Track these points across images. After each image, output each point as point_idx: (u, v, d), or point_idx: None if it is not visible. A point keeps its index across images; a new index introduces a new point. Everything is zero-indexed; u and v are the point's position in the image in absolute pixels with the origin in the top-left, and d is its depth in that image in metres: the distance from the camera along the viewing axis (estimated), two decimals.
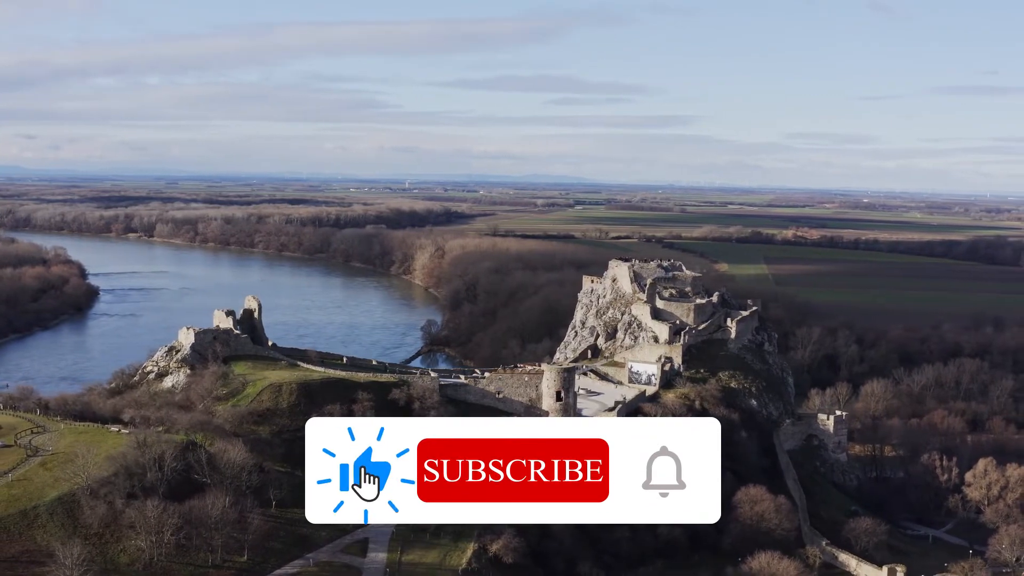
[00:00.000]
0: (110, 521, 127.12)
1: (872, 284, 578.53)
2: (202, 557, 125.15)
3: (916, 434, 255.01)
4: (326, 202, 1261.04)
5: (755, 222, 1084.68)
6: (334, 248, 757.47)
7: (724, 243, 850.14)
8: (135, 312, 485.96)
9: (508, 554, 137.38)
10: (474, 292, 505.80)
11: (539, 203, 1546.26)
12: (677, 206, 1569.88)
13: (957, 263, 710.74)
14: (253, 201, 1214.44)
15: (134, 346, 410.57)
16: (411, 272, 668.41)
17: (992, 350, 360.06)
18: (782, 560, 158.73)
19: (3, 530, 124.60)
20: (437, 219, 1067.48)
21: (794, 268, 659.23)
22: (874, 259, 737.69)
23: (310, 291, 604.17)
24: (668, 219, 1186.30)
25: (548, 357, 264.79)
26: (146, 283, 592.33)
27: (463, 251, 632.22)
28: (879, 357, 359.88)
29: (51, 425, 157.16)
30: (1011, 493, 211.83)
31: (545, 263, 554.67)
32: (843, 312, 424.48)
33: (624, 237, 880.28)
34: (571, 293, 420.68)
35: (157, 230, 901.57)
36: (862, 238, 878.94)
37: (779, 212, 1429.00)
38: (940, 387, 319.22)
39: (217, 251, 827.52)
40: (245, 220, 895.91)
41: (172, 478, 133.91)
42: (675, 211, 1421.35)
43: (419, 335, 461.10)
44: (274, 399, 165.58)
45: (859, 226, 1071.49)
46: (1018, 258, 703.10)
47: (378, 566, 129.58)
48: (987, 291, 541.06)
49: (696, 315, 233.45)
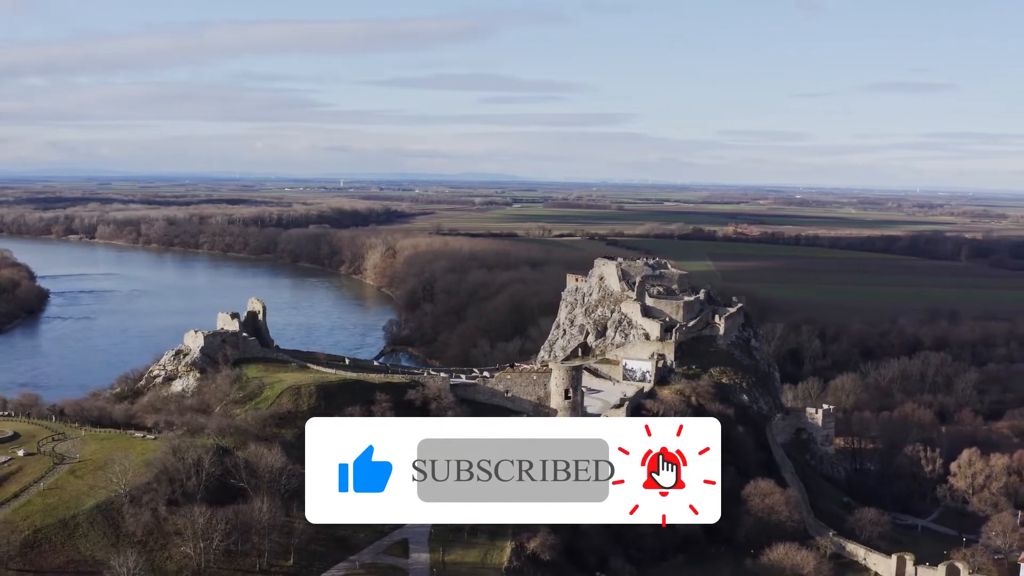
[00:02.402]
0: (153, 528, 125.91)
1: (819, 280, 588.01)
2: (249, 562, 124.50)
3: (892, 427, 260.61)
4: (265, 202, 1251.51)
5: (695, 219, 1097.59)
6: (281, 248, 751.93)
7: (666, 240, 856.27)
8: (88, 315, 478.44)
9: (545, 551, 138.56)
10: (431, 292, 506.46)
11: (477, 201, 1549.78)
12: (614, 204, 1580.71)
13: (899, 258, 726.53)
14: (191, 201, 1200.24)
15: (92, 349, 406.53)
16: (362, 272, 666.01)
17: (950, 343, 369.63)
18: (800, 551, 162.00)
19: (44, 540, 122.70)
20: (379, 218, 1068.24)
21: (739, 264, 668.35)
22: (816, 255, 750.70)
23: (261, 292, 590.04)
24: (607, 216, 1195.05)
25: (533, 357, 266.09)
26: (95, 285, 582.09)
27: (416, 251, 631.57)
28: (841, 352, 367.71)
29: (71, 431, 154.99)
30: (995, 482, 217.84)
31: (501, 262, 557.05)
32: (799, 308, 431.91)
33: (567, 235, 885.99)
34: (537, 292, 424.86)
35: (99, 231, 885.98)
36: (803, 234, 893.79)
37: (716, 209, 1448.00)
38: (906, 380, 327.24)
39: (161, 252, 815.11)
40: (188, 221, 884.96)
41: (210, 483, 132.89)
42: (612, 209, 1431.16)
43: (380, 335, 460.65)
44: (294, 401, 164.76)
45: (796, 222, 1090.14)
46: (958, 252, 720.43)
47: (423, 566, 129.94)
48: (935, 286, 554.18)
49: (685, 312, 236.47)
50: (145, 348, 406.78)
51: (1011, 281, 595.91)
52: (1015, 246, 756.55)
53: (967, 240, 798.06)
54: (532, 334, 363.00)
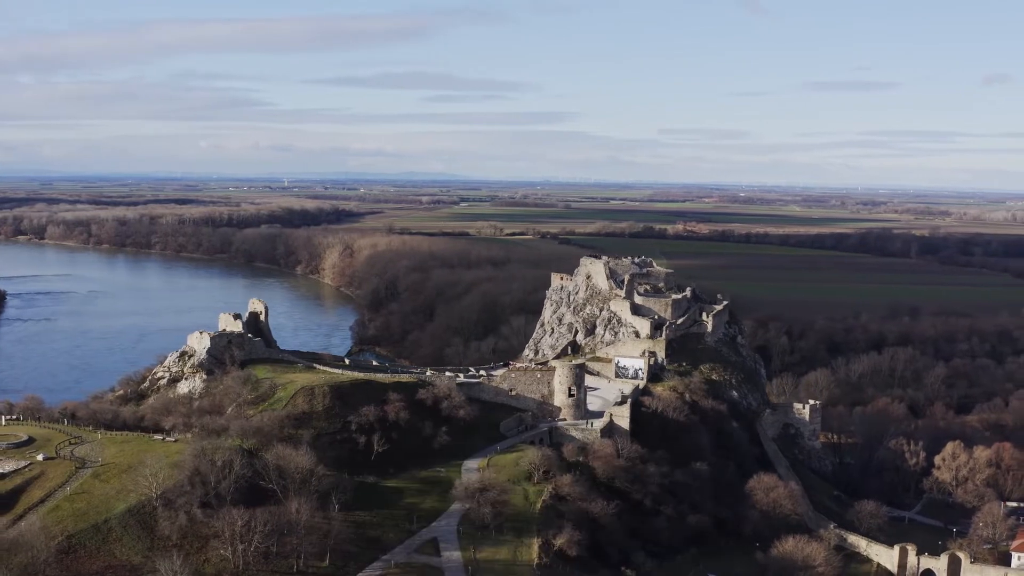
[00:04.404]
0: (187, 531, 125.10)
1: (775, 277, 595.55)
2: (286, 564, 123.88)
3: (869, 421, 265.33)
4: (213, 201, 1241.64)
5: (644, 217, 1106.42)
6: (235, 248, 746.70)
7: (618, 238, 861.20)
8: (48, 317, 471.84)
9: (572, 547, 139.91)
10: (395, 291, 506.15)
11: (424, 201, 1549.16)
12: (561, 202, 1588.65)
13: (851, 255, 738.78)
14: (137, 201, 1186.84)
15: (55, 352, 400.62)
16: (320, 272, 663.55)
17: (913, 339, 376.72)
18: (809, 543, 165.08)
19: (79, 546, 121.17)
20: (329, 218, 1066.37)
21: (693, 263, 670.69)
22: (768, 252, 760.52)
23: (220, 292, 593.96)
24: (556, 215, 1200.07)
25: (521, 356, 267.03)
26: (51, 287, 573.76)
27: (375, 250, 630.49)
28: (809, 348, 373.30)
29: (86, 435, 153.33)
30: (979, 474, 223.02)
31: (462, 261, 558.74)
32: (760, 305, 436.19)
33: (519, 234, 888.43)
34: (507, 291, 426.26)
35: (49, 232, 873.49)
36: (752, 232, 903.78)
37: (662, 207, 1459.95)
38: (876, 375, 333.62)
39: (113, 253, 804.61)
40: (138, 221, 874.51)
41: (239, 485, 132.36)
42: (560, 207, 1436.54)
43: (345, 335, 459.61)
44: (308, 402, 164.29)
45: (743, 220, 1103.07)
46: (908, 249, 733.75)
47: (456, 564, 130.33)
48: (891, 282, 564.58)
49: (673, 310, 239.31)
50: (108, 350, 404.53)
51: (963, 277, 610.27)
52: (963, 243, 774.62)
53: (916, 237, 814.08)
54: (505, 332, 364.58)
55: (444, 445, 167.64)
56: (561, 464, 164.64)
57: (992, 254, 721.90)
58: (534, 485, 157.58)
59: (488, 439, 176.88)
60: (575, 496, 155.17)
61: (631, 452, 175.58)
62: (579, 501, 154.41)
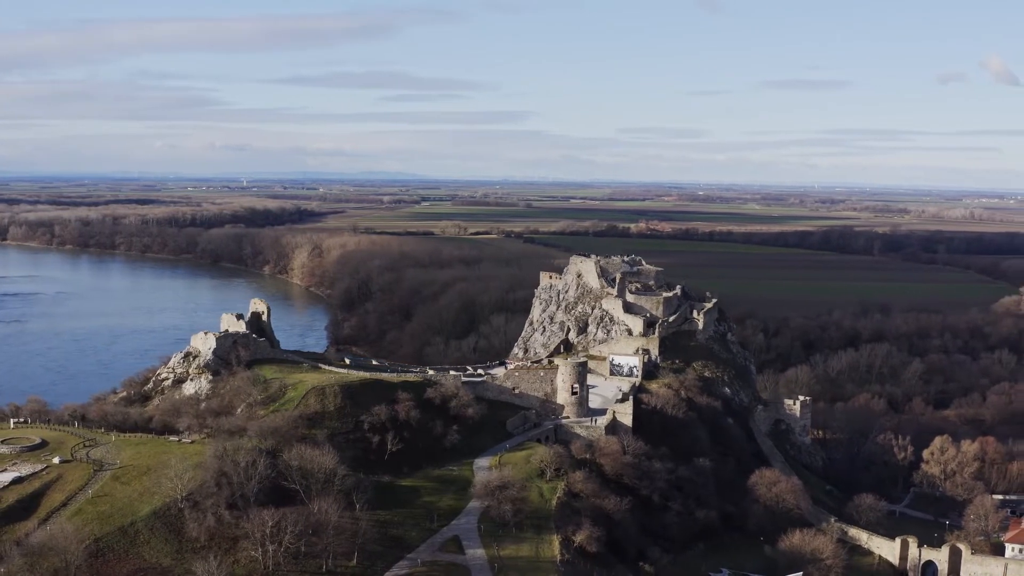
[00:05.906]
0: (215, 532, 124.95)
1: (742, 276, 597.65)
2: (315, 564, 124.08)
3: (852, 417, 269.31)
4: (174, 201, 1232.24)
5: (606, 216, 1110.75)
6: (201, 249, 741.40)
7: (582, 237, 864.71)
8: (19, 318, 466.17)
9: (592, 543, 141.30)
10: (368, 291, 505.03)
11: (385, 200, 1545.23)
12: (521, 201, 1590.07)
13: (815, 252, 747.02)
14: (98, 202, 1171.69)
15: (29, 354, 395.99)
16: (288, 272, 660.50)
17: (887, 335, 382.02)
18: (816, 537, 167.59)
19: (108, 550, 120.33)
20: (292, 217, 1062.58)
21: (660, 261, 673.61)
22: (734, 250, 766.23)
23: (188, 292, 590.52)
24: (519, 214, 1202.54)
25: (513, 355, 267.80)
26: (17, 288, 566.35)
27: (345, 250, 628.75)
28: (785, 345, 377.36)
29: (100, 437, 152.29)
30: (967, 468, 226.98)
31: (434, 261, 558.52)
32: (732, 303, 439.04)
33: (483, 233, 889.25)
34: (484, 290, 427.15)
35: (11, 233, 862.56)
36: (716, 230, 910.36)
37: (623, 206, 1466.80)
38: (854, 371, 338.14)
39: (77, 253, 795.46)
40: (101, 222, 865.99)
41: (263, 485, 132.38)
42: (521, 206, 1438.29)
43: (320, 335, 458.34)
44: (320, 402, 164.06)
45: (704, 218, 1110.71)
46: (871, 247, 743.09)
47: (481, 562, 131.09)
48: (858, 279, 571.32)
49: (665, 308, 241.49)
50: (81, 352, 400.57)
51: (928, 274, 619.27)
52: (924, 240, 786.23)
53: (879, 235, 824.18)
54: (484, 332, 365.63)
55: (454, 444, 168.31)
56: (571, 461, 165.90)
57: (955, 251, 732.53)
58: (547, 482, 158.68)
59: (495, 437, 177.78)
60: (588, 493, 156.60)
61: (636, 449, 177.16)
62: (593, 498, 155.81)
